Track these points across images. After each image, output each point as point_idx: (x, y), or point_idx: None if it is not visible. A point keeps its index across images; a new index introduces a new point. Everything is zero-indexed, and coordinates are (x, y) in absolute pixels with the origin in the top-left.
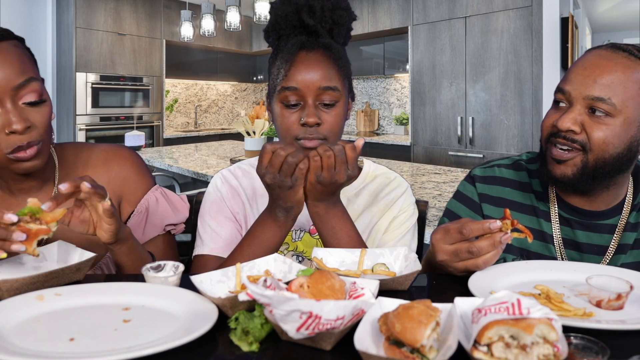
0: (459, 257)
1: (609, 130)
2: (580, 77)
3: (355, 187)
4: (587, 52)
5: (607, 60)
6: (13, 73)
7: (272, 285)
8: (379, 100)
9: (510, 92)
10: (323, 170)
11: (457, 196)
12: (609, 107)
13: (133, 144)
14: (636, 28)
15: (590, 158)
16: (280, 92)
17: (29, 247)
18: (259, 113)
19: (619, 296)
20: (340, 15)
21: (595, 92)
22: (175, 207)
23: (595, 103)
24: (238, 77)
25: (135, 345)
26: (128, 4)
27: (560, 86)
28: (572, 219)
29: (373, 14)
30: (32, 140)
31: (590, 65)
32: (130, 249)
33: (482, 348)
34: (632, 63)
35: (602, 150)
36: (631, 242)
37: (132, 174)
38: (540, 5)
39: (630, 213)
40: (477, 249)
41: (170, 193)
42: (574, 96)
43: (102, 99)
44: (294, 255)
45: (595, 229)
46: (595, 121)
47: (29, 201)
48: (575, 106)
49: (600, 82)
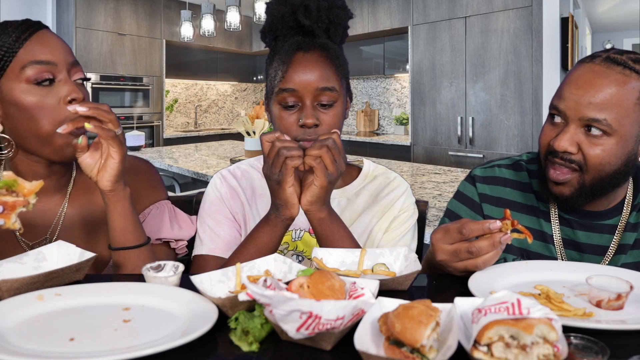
0: (458, 257)
1: (605, 149)
2: (575, 97)
3: (355, 187)
4: (580, 63)
5: (601, 78)
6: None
7: (272, 285)
8: (379, 100)
9: (510, 92)
10: (328, 167)
11: (457, 196)
12: (605, 127)
13: (133, 144)
14: (636, 28)
15: (586, 178)
16: (278, 93)
17: (8, 220)
18: (259, 113)
19: (619, 296)
20: (337, 15)
21: (590, 114)
22: (179, 224)
23: (590, 123)
24: (238, 77)
25: (135, 345)
26: (128, 4)
27: (554, 103)
28: (572, 219)
29: (373, 14)
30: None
31: (584, 84)
32: (126, 211)
33: (482, 348)
34: (626, 78)
35: (598, 170)
36: (631, 242)
37: (145, 185)
38: (540, 5)
39: (631, 213)
40: (477, 249)
41: (180, 212)
42: (569, 116)
43: (102, 99)
44: (294, 254)
45: (595, 229)
46: (592, 141)
47: (5, 174)
48: (570, 125)
49: (595, 102)
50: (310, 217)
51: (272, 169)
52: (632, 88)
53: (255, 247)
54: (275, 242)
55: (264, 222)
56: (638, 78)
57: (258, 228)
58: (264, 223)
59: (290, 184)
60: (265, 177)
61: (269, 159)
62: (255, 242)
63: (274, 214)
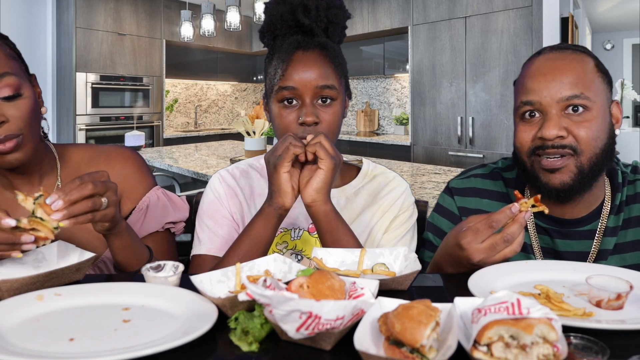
0: (496, 250)
1: (591, 125)
2: (544, 84)
3: (355, 186)
4: (532, 59)
5: (561, 61)
6: None
7: (271, 285)
8: (379, 100)
9: (510, 92)
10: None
11: (437, 209)
12: (584, 100)
13: (133, 144)
14: (636, 28)
15: (583, 160)
16: (277, 91)
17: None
18: (259, 113)
19: (619, 296)
20: (335, 14)
21: (567, 92)
22: (176, 206)
23: (570, 102)
24: (238, 77)
25: (135, 345)
26: (128, 4)
27: (524, 100)
28: (550, 228)
29: (373, 14)
30: (8, 134)
31: (548, 70)
32: (125, 245)
33: (482, 348)
34: (578, 55)
35: (592, 148)
36: (611, 247)
37: (134, 172)
38: (540, 5)
39: (609, 217)
40: (511, 235)
41: (171, 193)
42: (546, 103)
43: (102, 99)
44: (293, 253)
45: (573, 236)
46: (577, 121)
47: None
48: (550, 113)
49: (567, 81)
50: (314, 210)
51: (274, 152)
52: (586, 62)
53: (249, 239)
54: (268, 234)
55: (258, 213)
56: (586, 55)
57: (252, 220)
58: (258, 214)
59: (286, 168)
60: (265, 163)
61: (276, 145)
62: (248, 234)
63: (268, 203)
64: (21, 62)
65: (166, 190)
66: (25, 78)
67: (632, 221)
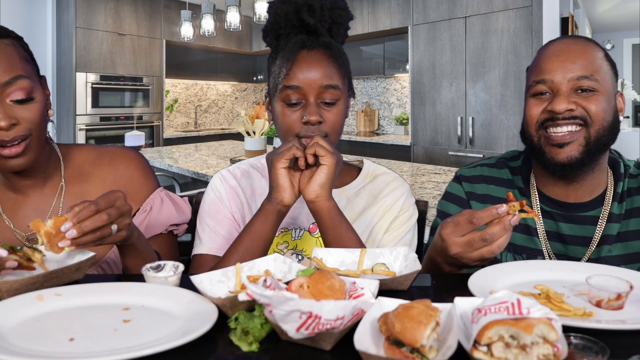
0: (473, 247)
1: (598, 104)
2: (558, 64)
3: (355, 186)
4: (548, 45)
5: (574, 45)
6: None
7: (272, 285)
8: (379, 100)
9: (510, 92)
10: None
11: (446, 197)
12: (593, 82)
13: (133, 144)
14: (636, 28)
15: (592, 132)
16: (281, 90)
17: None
18: (259, 113)
19: (619, 296)
20: (339, 15)
21: (578, 72)
22: (179, 208)
23: (581, 82)
24: (238, 77)
25: (135, 345)
26: (128, 4)
27: (537, 79)
28: (555, 212)
29: (373, 14)
30: (17, 136)
31: (562, 52)
32: (136, 253)
33: (482, 348)
34: (589, 44)
35: (601, 119)
36: (615, 234)
37: (137, 174)
38: (540, 5)
39: (612, 204)
40: (490, 236)
41: (174, 195)
42: (558, 82)
43: (102, 99)
44: (293, 253)
45: (577, 220)
46: (585, 97)
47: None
48: (561, 91)
49: (579, 62)
50: (318, 206)
51: (275, 151)
52: (597, 50)
53: (249, 236)
54: (268, 231)
55: (258, 211)
56: (596, 45)
57: (252, 218)
58: (258, 211)
59: (283, 164)
60: (266, 161)
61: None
62: (248, 231)
63: (267, 200)
64: (33, 63)
65: (169, 192)
66: (37, 81)
67: (634, 211)
